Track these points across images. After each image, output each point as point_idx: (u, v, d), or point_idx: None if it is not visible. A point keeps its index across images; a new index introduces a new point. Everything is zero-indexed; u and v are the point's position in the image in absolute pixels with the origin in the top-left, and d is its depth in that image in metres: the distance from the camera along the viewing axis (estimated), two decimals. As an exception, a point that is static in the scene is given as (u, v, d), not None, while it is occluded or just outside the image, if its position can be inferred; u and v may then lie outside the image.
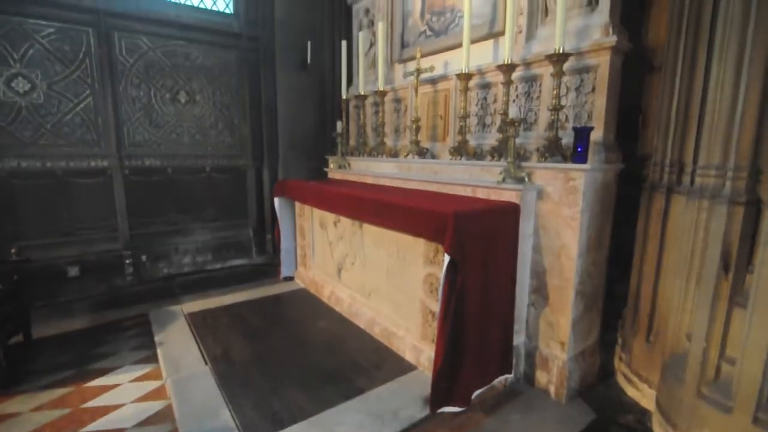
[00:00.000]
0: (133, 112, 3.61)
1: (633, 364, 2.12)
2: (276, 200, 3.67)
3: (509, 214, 2.05)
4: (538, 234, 2.15)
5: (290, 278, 3.82)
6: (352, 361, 2.38)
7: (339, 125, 3.74)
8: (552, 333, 2.14)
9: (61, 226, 3.39)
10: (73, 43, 3.27)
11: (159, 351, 2.48)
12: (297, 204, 3.67)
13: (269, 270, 4.02)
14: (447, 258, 1.79)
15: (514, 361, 2.16)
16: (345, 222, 3.01)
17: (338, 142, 3.77)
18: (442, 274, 1.83)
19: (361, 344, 2.59)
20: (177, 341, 2.61)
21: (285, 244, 3.78)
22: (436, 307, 2.08)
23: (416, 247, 2.29)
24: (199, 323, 2.86)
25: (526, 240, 2.14)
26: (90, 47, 3.34)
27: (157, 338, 2.64)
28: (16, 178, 3.16)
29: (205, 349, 2.49)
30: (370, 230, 2.72)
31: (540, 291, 2.18)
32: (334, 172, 3.88)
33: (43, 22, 3.14)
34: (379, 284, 2.71)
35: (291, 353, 2.47)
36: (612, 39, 1.91)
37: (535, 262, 2.18)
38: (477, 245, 1.89)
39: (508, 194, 2.12)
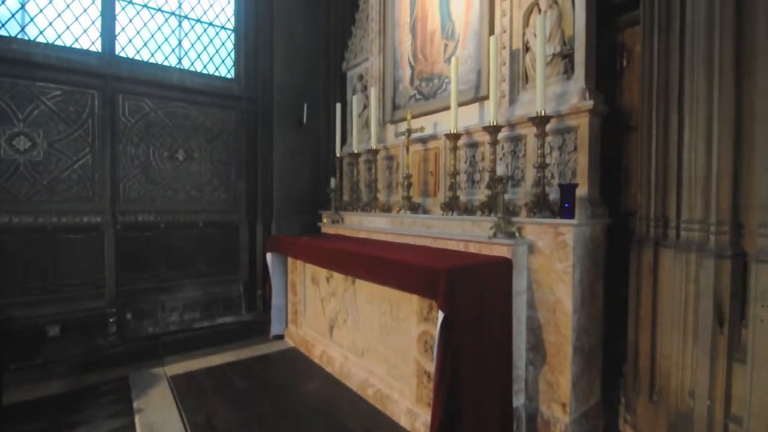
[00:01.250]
0: (130, 169, 3.67)
1: (638, 425, 2.02)
2: (268, 255, 3.65)
3: (502, 268, 2.06)
4: (531, 289, 2.14)
5: (280, 336, 3.69)
6: (344, 428, 2.24)
7: (333, 181, 3.83)
8: (552, 393, 2.06)
9: (47, 283, 3.30)
10: (77, 104, 3.41)
11: (137, 419, 2.31)
12: (289, 259, 3.65)
13: (258, 328, 3.89)
14: (441, 315, 1.76)
15: (515, 425, 2.05)
16: (337, 278, 2.98)
17: (332, 198, 3.84)
18: (436, 331, 1.79)
19: (353, 408, 2.45)
20: (157, 407, 2.45)
21: (276, 300, 3.70)
22: (431, 366, 2.01)
23: (410, 303, 2.26)
24: (183, 387, 2.70)
25: (520, 296, 2.13)
26: (94, 108, 3.48)
27: (135, 404, 2.48)
28: (6, 234, 3.13)
29: (187, 416, 2.34)
30: (363, 286, 2.69)
31: (538, 348, 2.13)
32: (327, 226, 3.91)
33: (52, 85, 3.29)
34: (372, 343, 2.62)
35: (279, 420, 2.32)
36: (589, 103, 2.05)
37: (530, 319, 2.15)
38: (471, 301, 1.87)
39: (499, 249, 2.14)
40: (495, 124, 2.36)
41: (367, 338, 2.67)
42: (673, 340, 1.80)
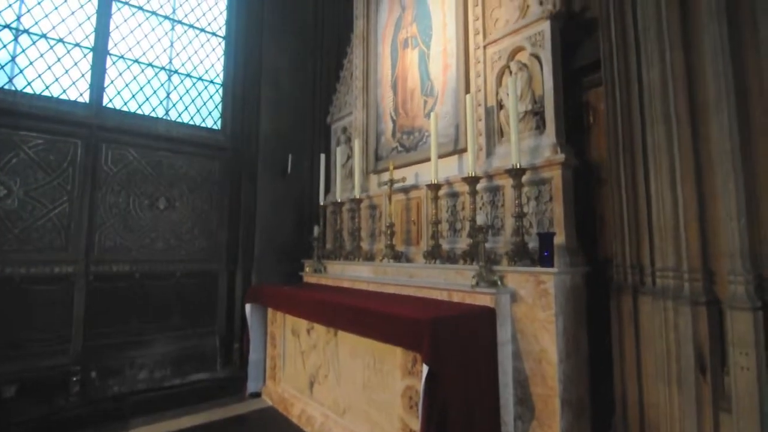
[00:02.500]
0: (108, 218, 3.60)
1: (633, 484, 1.94)
2: (247, 306, 3.53)
3: (486, 318, 2.04)
4: (516, 339, 2.12)
5: (257, 395, 3.48)
6: (322, 496, 2.06)
7: (316, 230, 3.83)
8: (542, 451, 1.97)
9: (8, 338, 3.08)
10: (59, 153, 3.39)
11: (93, 493, 2.09)
12: (269, 310, 3.53)
13: (234, 385, 3.67)
14: (426, 368, 1.71)
15: (505, 488, 1.93)
16: (319, 329, 2.89)
17: (315, 246, 3.82)
18: (421, 386, 1.73)
19: (333, 473, 2.28)
20: (117, 478, 2.22)
21: (254, 354, 3.53)
22: (416, 425, 1.91)
23: (393, 356, 2.19)
24: (147, 453, 2.48)
25: (505, 346, 2.10)
26: (76, 157, 3.46)
27: (93, 475, 2.25)
28: (-33, 287, 2.97)
29: (150, 487, 2.13)
30: (346, 338, 2.61)
31: (525, 402, 2.07)
32: (309, 276, 3.85)
33: (34, 134, 3.28)
34: (354, 400, 2.50)
35: (252, 489, 2.13)
36: (561, 156, 2.17)
37: (517, 370, 2.11)
38: (456, 353, 1.83)
39: (482, 298, 2.14)
40: (473, 175, 2.45)
41: (349, 395, 2.55)
42: (659, 390, 1.78)
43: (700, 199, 1.69)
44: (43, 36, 3.43)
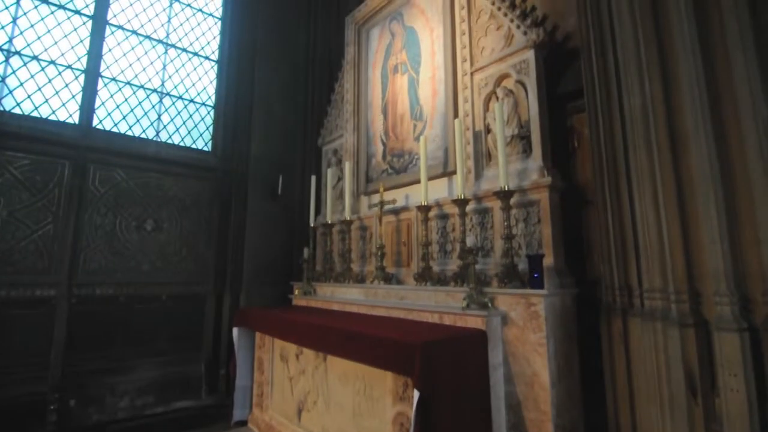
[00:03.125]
0: (93, 240, 3.53)
1: None
2: (235, 330, 3.45)
3: (477, 341, 2.03)
4: (508, 362, 2.10)
5: (243, 423, 3.36)
6: None
7: (306, 251, 3.80)
8: (536, 479, 1.93)
9: (-20, 367, 2.96)
10: (46, 173, 3.34)
11: None
12: (257, 334, 3.46)
13: (219, 413, 3.55)
14: (417, 394, 1.68)
15: None
16: (308, 354, 2.83)
17: (305, 268, 3.78)
18: (412, 412, 1.70)
19: (321, 506, 2.19)
20: None
21: (240, 380, 3.43)
22: (407, 452, 1.86)
23: (384, 382, 2.15)
24: (125, 488, 2.36)
25: (497, 369, 2.08)
26: (63, 178, 3.42)
27: None
28: (-59, 312, 2.86)
29: None
30: (335, 363, 2.56)
31: (518, 427, 2.03)
32: (299, 298, 3.80)
33: (21, 155, 3.24)
34: (344, 427, 2.43)
35: None
36: (547, 179, 2.21)
37: (509, 395, 2.08)
38: (448, 378, 1.81)
39: (473, 320, 2.13)
40: (463, 197, 2.48)
41: (338, 422, 2.48)
42: (651, 413, 1.77)
43: (683, 222, 1.73)
44: (35, 58, 3.44)
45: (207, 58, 4.49)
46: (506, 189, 2.24)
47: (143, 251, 3.78)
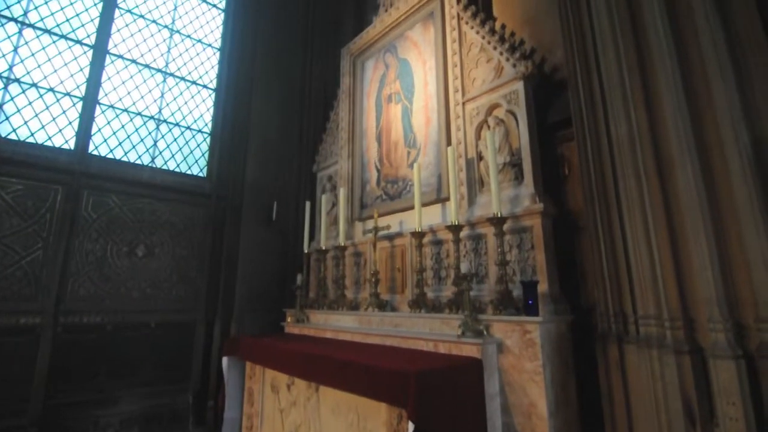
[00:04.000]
0: (83, 266, 3.47)
1: None
2: (224, 360, 3.36)
3: (473, 370, 1.99)
4: (504, 392, 2.06)
5: (231, 457, 3.22)
6: None
7: (299, 278, 3.77)
8: None
9: (-44, 400, 2.83)
10: (38, 198, 3.32)
11: None
12: (248, 364, 3.37)
13: (206, 447, 3.40)
14: (411, 427, 1.63)
15: None
16: (300, 384, 2.75)
17: (298, 295, 3.73)
18: (406, 445, 1.64)
19: None
20: None
21: (229, 412, 3.31)
22: (401, 488, 1.79)
23: (378, 413, 2.09)
24: None
25: (494, 399, 2.03)
26: (55, 203, 3.39)
27: None
28: None
29: None
30: (327, 394, 2.49)
31: (515, 460, 1.97)
32: (291, 326, 3.73)
33: (14, 180, 3.22)
34: (336, 461, 2.34)
35: None
36: (539, 206, 2.24)
37: (506, 426, 2.02)
38: (444, 409, 1.76)
39: (469, 348, 2.10)
40: (456, 223, 2.49)
41: (330, 456, 2.38)
42: (651, 445, 1.73)
43: (674, 248, 1.75)
44: (34, 85, 3.48)
45: (205, 86, 4.58)
46: (499, 215, 2.26)
47: (134, 277, 3.72)
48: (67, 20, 3.74)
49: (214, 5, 4.82)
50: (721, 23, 1.71)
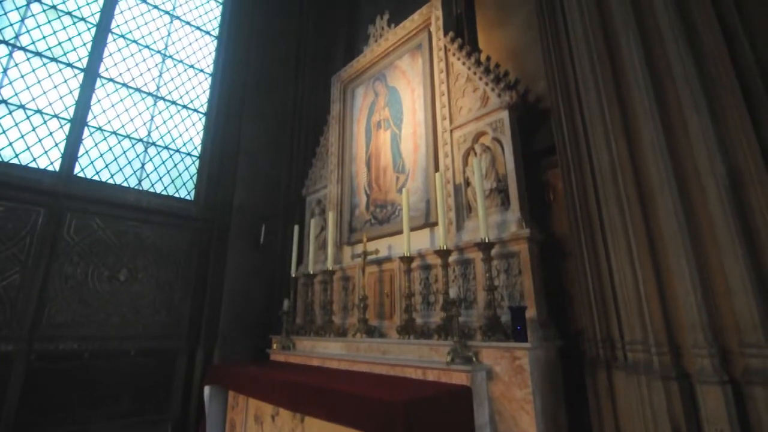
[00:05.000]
0: (62, 291, 3.36)
1: None
2: (206, 389, 3.25)
3: (463, 398, 1.96)
4: (494, 421, 2.02)
5: (210, 494, 3.06)
6: None
7: (286, 303, 3.70)
8: None
9: None
10: (18, 221, 3.24)
11: None
12: (231, 393, 3.26)
13: (184, 483, 3.23)
14: (399, 457, 1.58)
15: None
16: (285, 415, 2.66)
17: (284, 321, 3.66)
18: (394, 478, 1.59)
19: None
20: None
21: (210, 445, 3.18)
22: None
23: (365, 443, 2.02)
24: None
25: (483, 430, 1.99)
26: (36, 226, 3.31)
27: None
28: None
29: None
30: (313, 425, 2.41)
31: (506, 493, 1.91)
32: (276, 353, 3.63)
33: (-6, 203, 3.16)
34: (321, 496, 2.24)
35: None
36: (526, 231, 2.27)
37: (495, 456, 1.98)
38: (431, 438, 1.72)
39: (458, 376, 2.07)
40: (445, 248, 2.50)
41: (315, 491, 2.28)
42: (642, 475, 1.71)
43: (658, 274, 1.78)
44: (22, 107, 3.46)
45: (195, 110, 4.60)
46: (486, 240, 2.28)
47: (114, 303, 3.61)
48: (59, 44, 3.76)
49: (208, 32, 4.92)
50: (693, 60, 1.80)
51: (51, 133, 3.58)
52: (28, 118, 3.48)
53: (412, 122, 3.37)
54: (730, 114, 1.71)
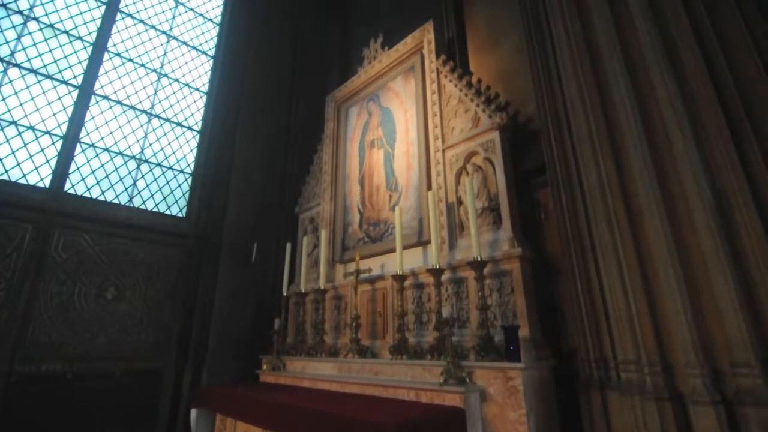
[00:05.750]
0: (46, 309, 3.28)
1: None
2: (193, 412, 3.16)
3: (456, 421, 1.93)
4: (487, 443, 1.99)
5: None
6: None
7: (277, 322, 3.65)
8: None
9: None
10: (5, 237, 3.18)
11: None
12: (218, 417, 3.16)
13: None
14: (391, 482, 1.54)
15: None
16: (274, 437, 2.58)
17: (275, 340, 3.59)
18: (386, 505, 1.54)
19: None
20: None
21: (195, 471, 3.06)
22: None
23: (356, 467, 1.97)
24: None
25: (477, 452, 1.95)
26: (23, 242, 3.26)
27: None
28: None
29: None
30: (303, 447, 2.34)
31: None
32: (266, 374, 3.55)
33: (-19, 219, 3.11)
34: None
35: None
36: (518, 250, 2.29)
37: (490, 480, 1.94)
38: (424, 462, 1.68)
39: (451, 397, 2.04)
40: (437, 266, 2.50)
41: None
42: (639, 500, 1.68)
43: (648, 293, 1.79)
44: (14, 123, 3.45)
45: (189, 128, 4.62)
46: (479, 259, 2.29)
47: (101, 322, 3.53)
48: (55, 61, 3.78)
49: (204, 52, 4.99)
50: (676, 83, 1.86)
51: (42, 150, 3.55)
52: (19, 134, 3.47)
53: (405, 142, 3.42)
54: (713, 136, 1.75)
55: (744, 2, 1.83)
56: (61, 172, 3.60)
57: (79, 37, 3.98)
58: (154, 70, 4.49)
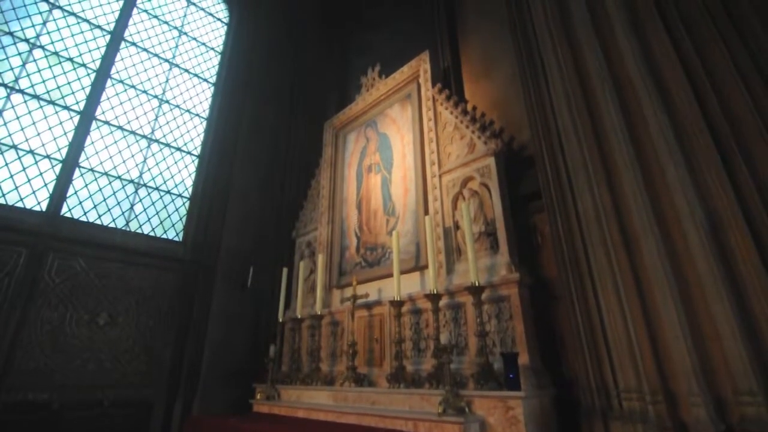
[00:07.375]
0: (36, 335, 3.20)
1: None
2: (183, 443, 3.04)
3: (454, 452, 1.87)
4: (488, 477, 1.92)
5: None
6: None
7: (272, 349, 3.56)
8: None
9: None
10: (-2, 262, 3.16)
11: None
12: (209, 447, 3.05)
13: None
14: None
15: None
16: (266, 471, 2.49)
17: (269, 368, 3.50)
18: None
19: None
20: None
21: (183, 508, 2.92)
22: None
23: (352, 503, 1.89)
24: None
25: (477, 486, 1.88)
26: (16, 266, 3.22)
27: None
28: None
29: None
30: (297, 481, 2.25)
31: None
32: (260, 403, 3.45)
33: (-27, 243, 3.08)
34: None
35: None
36: (515, 275, 2.28)
37: None
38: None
39: (450, 428, 1.99)
40: (435, 292, 2.48)
41: None
42: None
43: (647, 319, 1.78)
44: (14, 147, 3.48)
45: (189, 153, 4.66)
46: (477, 284, 2.28)
47: (91, 349, 3.44)
48: (58, 87, 3.85)
49: (205, 79, 5.10)
50: (665, 113, 1.91)
51: (41, 174, 3.57)
52: (19, 158, 3.49)
53: (402, 167, 3.46)
54: (704, 161, 1.79)
55: (724, 28, 1.90)
56: (58, 195, 3.60)
57: (83, 65, 4.07)
58: (156, 97, 4.57)
